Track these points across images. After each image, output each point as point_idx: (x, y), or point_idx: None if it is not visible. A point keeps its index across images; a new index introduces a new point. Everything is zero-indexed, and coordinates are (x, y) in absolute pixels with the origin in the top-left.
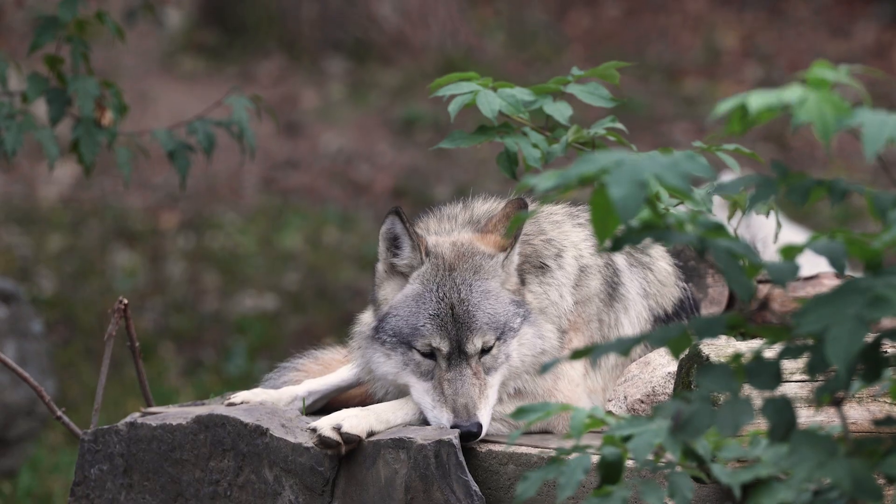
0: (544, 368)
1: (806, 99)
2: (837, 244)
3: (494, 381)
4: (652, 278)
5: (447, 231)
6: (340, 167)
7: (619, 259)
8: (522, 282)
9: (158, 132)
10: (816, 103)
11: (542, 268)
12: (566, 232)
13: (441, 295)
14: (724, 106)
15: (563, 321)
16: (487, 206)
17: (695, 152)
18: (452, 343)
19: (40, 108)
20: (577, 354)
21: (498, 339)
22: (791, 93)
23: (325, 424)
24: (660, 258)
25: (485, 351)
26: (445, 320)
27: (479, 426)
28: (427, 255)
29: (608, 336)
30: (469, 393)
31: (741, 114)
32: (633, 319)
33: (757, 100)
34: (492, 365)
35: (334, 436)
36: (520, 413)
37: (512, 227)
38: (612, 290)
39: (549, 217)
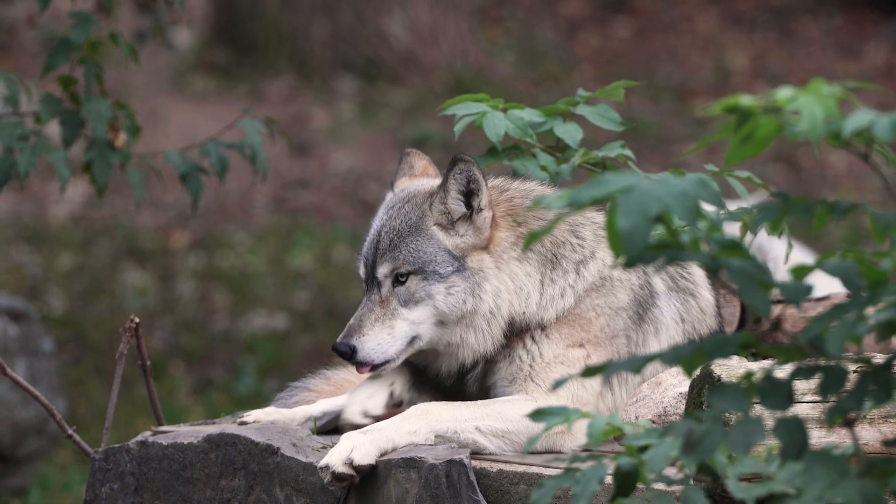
0: (556, 385)
1: (796, 98)
2: (850, 264)
3: (412, 315)
4: (693, 305)
5: None
6: (350, 186)
7: (658, 283)
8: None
9: (171, 154)
10: (807, 103)
11: (554, 263)
12: (605, 246)
13: (377, 224)
14: (715, 106)
15: (549, 312)
16: (527, 185)
17: (706, 177)
18: (368, 268)
19: (53, 129)
20: (587, 372)
21: (415, 273)
22: (782, 93)
23: (336, 461)
24: (704, 287)
25: (399, 282)
26: (370, 247)
27: (351, 349)
28: (391, 188)
29: (634, 354)
30: (361, 315)
31: (737, 121)
32: (663, 343)
33: (748, 99)
34: (408, 298)
35: (348, 471)
36: (537, 415)
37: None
38: (644, 310)
39: (599, 230)
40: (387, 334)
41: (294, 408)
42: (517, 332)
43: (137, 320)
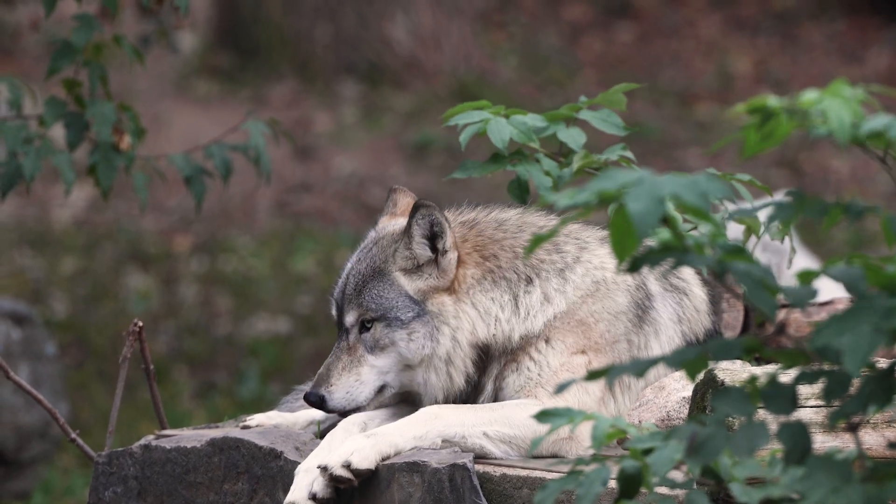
0: (560, 388)
1: (822, 101)
2: (855, 269)
3: (378, 362)
4: (688, 303)
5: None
6: (353, 190)
7: (653, 284)
8: (477, 283)
9: (175, 157)
10: (834, 105)
11: (530, 280)
12: (591, 250)
13: (348, 266)
14: (741, 107)
15: (531, 323)
16: (503, 214)
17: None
18: (338, 312)
19: (56, 131)
20: (591, 376)
21: (378, 320)
22: (807, 95)
23: (335, 462)
24: (696, 285)
25: (366, 328)
26: (340, 290)
27: (320, 398)
28: (375, 226)
29: (637, 358)
30: (329, 364)
31: (759, 121)
32: (664, 344)
33: (775, 99)
34: (374, 345)
35: (346, 474)
36: (542, 416)
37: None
38: (643, 312)
39: (583, 243)
40: (354, 380)
41: (297, 412)
42: (512, 350)
43: (141, 324)
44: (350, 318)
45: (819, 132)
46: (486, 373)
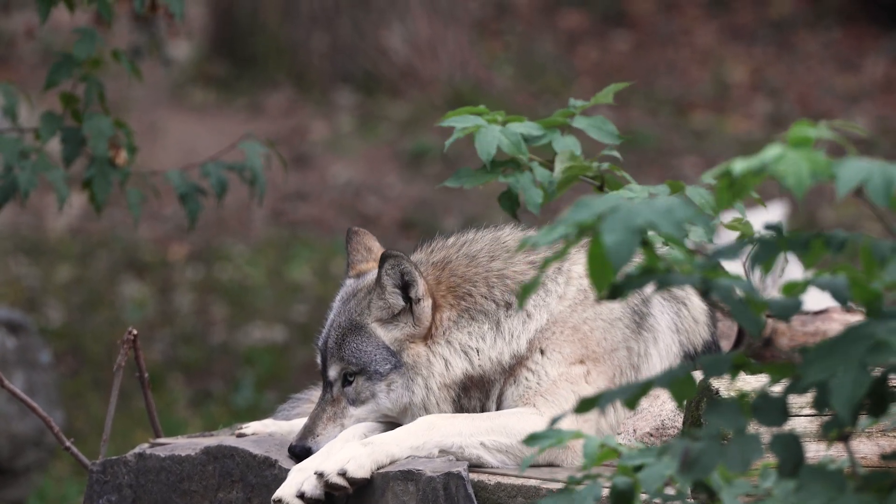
0: (553, 421)
1: (783, 156)
2: (840, 279)
3: (359, 413)
4: (686, 314)
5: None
6: (349, 199)
7: (647, 289)
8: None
9: (171, 173)
10: (793, 161)
11: (508, 304)
12: (574, 260)
13: (330, 318)
14: (710, 174)
15: (515, 344)
16: (475, 247)
17: (696, 189)
18: (322, 364)
19: (53, 144)
20: (581, 407)
21: (359, 373)
22: (770, 152)
23: (331, 469)
24: (694, 294)
25: (348, 381)
26: (323, 342)
27: (306, 450)
28: (347, 273)
29: (638, 365)
30: (313, 416)
31: (728, 182)
32: (662, 352)
33: (741, 164)
34: (355, 398)
35: (341, 482)
36: (531, 440)
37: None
38: (640, 318)
39: (561, 263)
40: (338, 432)
41: (293, 420)
42: (510, 368)
43: (135, 332)
44: (333, 373)
45: (786, 185)
46: (489, 396)
